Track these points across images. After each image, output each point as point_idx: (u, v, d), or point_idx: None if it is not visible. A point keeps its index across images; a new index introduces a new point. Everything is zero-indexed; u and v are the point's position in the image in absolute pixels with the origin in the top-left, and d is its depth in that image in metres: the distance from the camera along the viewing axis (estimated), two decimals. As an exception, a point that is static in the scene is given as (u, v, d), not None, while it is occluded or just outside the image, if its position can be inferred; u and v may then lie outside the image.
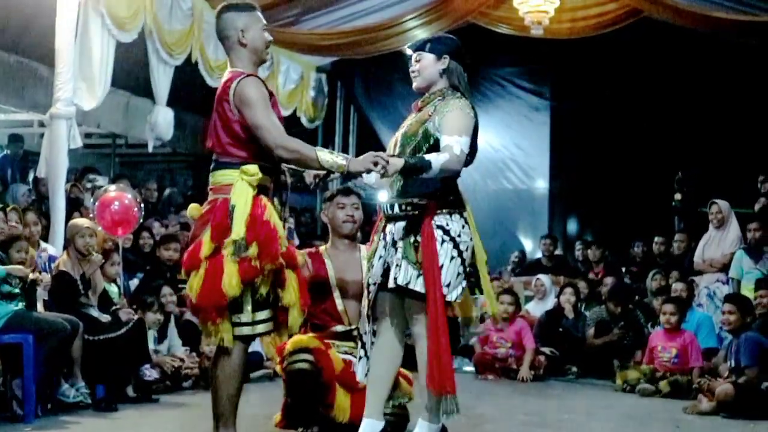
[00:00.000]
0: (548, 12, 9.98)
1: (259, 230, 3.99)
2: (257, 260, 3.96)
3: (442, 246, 4.20)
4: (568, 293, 9.41)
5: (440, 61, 4.38)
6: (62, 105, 7.48)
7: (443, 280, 4.18)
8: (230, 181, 4.08)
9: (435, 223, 4.22)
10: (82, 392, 6.07)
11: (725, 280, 8.60)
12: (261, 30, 4.28)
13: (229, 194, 4.06)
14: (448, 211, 4.27)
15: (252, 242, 3.96)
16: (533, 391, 7.90)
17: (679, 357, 7.76)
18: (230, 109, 4.12)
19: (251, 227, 3.98)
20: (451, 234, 4.23)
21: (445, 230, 4.23)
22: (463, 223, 4.30)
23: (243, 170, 4.06)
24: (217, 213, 4.06)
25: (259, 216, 4.02)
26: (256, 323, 4.10)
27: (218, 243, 4.00)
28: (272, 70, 10.98)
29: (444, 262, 4.19)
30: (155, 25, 8.44)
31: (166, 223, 9.59)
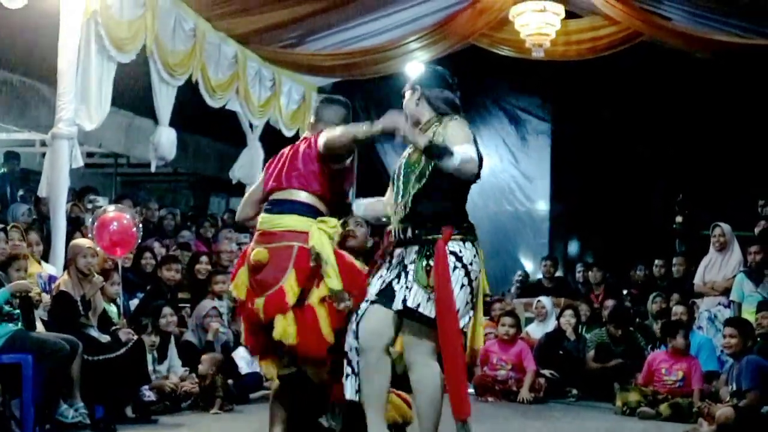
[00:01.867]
0: (549, 35, 10.02)
1: (359, 280, 4.27)
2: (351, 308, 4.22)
3: (454, 272, 4.18)
4: (568, 315, 9.38)
5: (414, 93, 4.46)
6: (64, 125, 7.49)
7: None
8: (304, 228, 4.27)
9: (449, 248, 4.20)
10: (81, 413, 6.05)
11: (727, 304, 8.58)
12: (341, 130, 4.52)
13: (303, 242, 4.25)
14: (462, 238, 4.25)
15: (349, 290, 4.20)
16: (533, 414, 7.87)
17: (684, 380, 7.74)
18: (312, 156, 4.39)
19: (349, 278, 4.22)
20: (463, 261, 4.21)
21: (458, 257, 4.21)
22: (475, 252, 4.29)
23: (323, 220, 4.29)
24: (300, 260, 4.23)
25: (354, 267, 4.28)
26: None
27: (303, 288, 4.21)
28: (274, 90, 11.01)
29: (455, 289, 4.17)
30: (157, 45, 8.47)
31: (166, 244, 9.59)
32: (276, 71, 10.99)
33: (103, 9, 7.62)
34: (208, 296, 8.19)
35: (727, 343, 6.98)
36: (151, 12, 8.23)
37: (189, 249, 9.64)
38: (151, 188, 15.35)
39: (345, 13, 10.19)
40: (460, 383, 4.13)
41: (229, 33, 9.83)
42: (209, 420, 6.93)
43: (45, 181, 7.72)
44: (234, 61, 10.04)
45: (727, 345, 7.00)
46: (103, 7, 7.61)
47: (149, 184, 15.35)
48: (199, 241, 10.54)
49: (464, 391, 4.16)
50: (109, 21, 7.72)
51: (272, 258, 4.23)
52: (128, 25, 7.98)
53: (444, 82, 4.48)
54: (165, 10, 8.59)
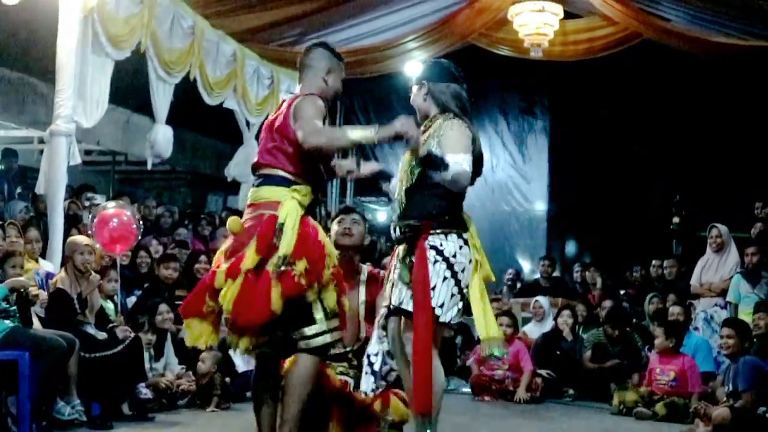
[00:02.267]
0: (548, 35, 10.03)
1: (312, 249, 4.06)
2: (304, 277, 4.01)
3: (435, 266, 4.22)
4: (565, 315, 9.39)
5: (421, 89, 4.49)
6: (62, 122, 7.48)
7: (436, 300, 4.20)
8: (279, 198, 4.16)
9: (428, 243, 4.24)
10: (78, 410, 6.04)
11: (723, 305, 8.59)
12: (340, 80, 4.49)
13: (276, 210, 4.12)
14: (443, 231, 4.27)
15: (299, 259, 4.01)
16: (530, 414, 7.87)
17: (677, 380, 7.75)
18: (289, 125, 4.22)
19: (301, 245, 4.03)
20: (444, 254, 4.23)
21: (438, 250, 4.24)
22: (461, 243, 4.28)
23: (295, 189, 4.15)
24: (264, 227, 4.11)
25: (312, 235, 4.09)
26: (330, 331, 4.14)
27: (263, 257, 4.05)
28: (272, 89, 11.01)
29: (436, 283, 4.20)
30: (154, 43, 8.46)
31: (164, 242, 9.59)
32: (274, 69, 10.99)
33: (101, 6, 7.61)
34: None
35: (724, 344, 6.99)
36: (148, 9, 8.23)
37: (186, 247, 9.64)
38: (149, 186, 15.35)
39: (344, 12, 10.20)
40: (425, 378, 4.12)
41: (227, 31, 9.82)
42: (206, 418, 6.93)
43: (43, 178, 7.71)
44: (232, 59, 10.04)
45: (724, 346, 7.01)
46: (100, 4, 7.60)
47: (147, 181, 15.35)
48: (196, 239, 10.54)
49: (428, 386, 4.13)
50: (105, 18, 7.71)
51: (246, 228, 4.20)
52: (125, 22, 7.97)
53: (450, 75, 4.50)
54: (163, 8, 8.58)
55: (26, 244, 6.97)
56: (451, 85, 4.46)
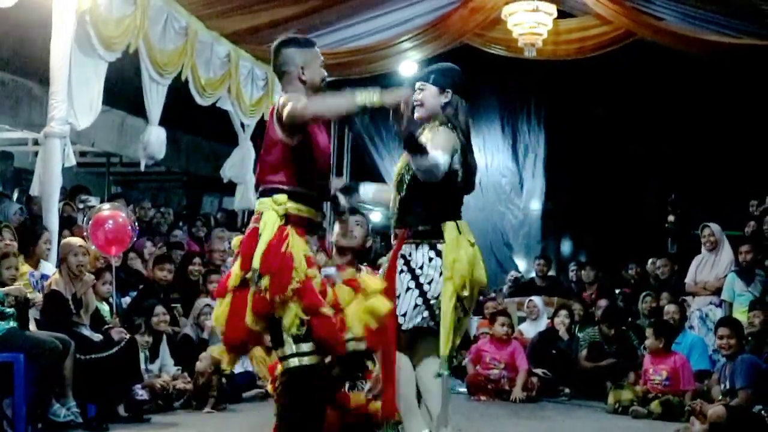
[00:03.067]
0: (542, 34, 10.04)
1: (272, 261, 3.85)
2: (268, 292, 3.82)
3: (400, 276, 4.25)
4: (562, 315, 9.41)
5: (443, 94, 4.40)
6: (56, 124, 7.47)
7: (399, 309, 4.21)
8: (262, 210, 4.02)
9: (400, 252, 4.29)
10: (73, 411, 6.03)
11: (718, 303, 8.61)
12: (319, 67, 4.25)
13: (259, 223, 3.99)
14: (415, 241, 4.28)
15: (265, 273, 3.84)
16: (525, 413, 7.88)
17: (670, 379, 7.75)
18: (273, 129, 4.05)
19: (265, 257, 3.86)
20: (411, 265, 4.25)
21: (406, 260, 4.27)
22: (432, 255, 4.24)
23: (273, 199, 3.99)
24: (246, 243, 3.98)
25: (274, 246, 3.88)
26: (301, 355, 3.86)
27: (245, 272, 3.91)
28: (266, 90, 11.00)
29: (400, 292, 4.23)
30: (146, 44, 8.45)
31: (159, 244, 9.58)
32: (269, 70, 10.97)
33: (94, 7, 7.60)
34: (201, 295, 8.20)
35: (725, 344, 6.97)
36: (141, 10, 8.21)
37: (182, 248, 9.63)
38: (144, 187, 15.33)
39: (338, 13, 10.18)
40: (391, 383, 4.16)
41: (221, 32, 9.81)
42: (202, 419, 6.92)
43: (37, 180, 7.69)
44: (226, 60, 10.03)
45: (725, 346, 6.98)
46: (93, 5, 7.59)
47: (142, 183, 15.33)
48: (191, 240, 10.54)
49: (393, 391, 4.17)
50: (98, 19, 7.70)
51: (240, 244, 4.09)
52: (117, 24, 7.96)
53: (469, 93, 4.50)
54: (156, 9, 8.57)
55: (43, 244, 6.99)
56: (466, 103, 4.45)
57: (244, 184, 11.28)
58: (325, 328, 3.86)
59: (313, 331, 3.84)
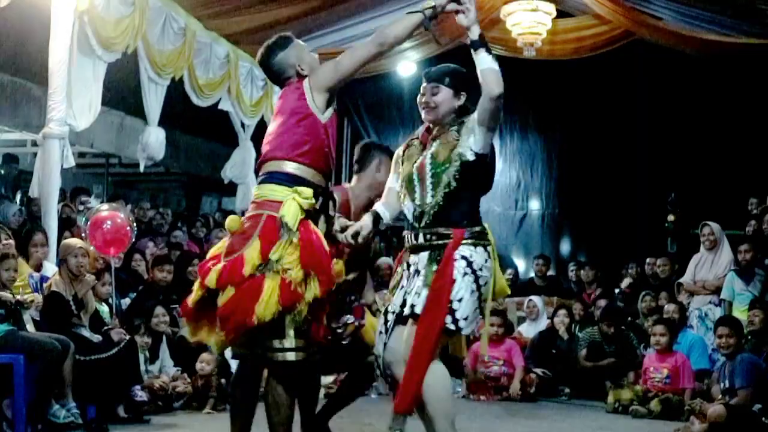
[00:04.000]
0: (541, 34, 10.04)
1: (318, 257, 3.89)
2: (303, 286, 3.85)
3: (464, 278, 4.08)
4: (562, 315, 9.41)
5: (457, 97, 4.28)
6: (55, 125, 7.47)
7: (461, 313, 4.05)
8: (280, 199, 3.96)
9: (459, 253, 4.10)
10: (73, 413, 6.01)
11: (717, 302, 8.60)
12: (309, 53, 4.26)
13: (276, 212, 3.94)
14: (473, 242, 4.14)
15: (302, 267, 3.85)
16: (525, 412, 7.88)
17: (670, 378, 7.76)
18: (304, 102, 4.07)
19: (306, 252, 3.86)
20: (473, 266, 4.11)
21: (468, 261, 4.11)
22: (486, 257, 4.17)
23: (297, 190, 3.96)
24: (267, 229, 3.93)
25: (315, 242, 3.91)
26: (299, 350, 3.92)
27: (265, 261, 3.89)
28: (266, 90, 11.01)
29: (464, 295, 4.07)
30: (145, 44, 8.45)
31: (159, 244, 9.58)
32: (267, 70, 10.96)
33: (92, 8, 7.60)
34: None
35: (724, 343, 6.96)
36: (139, 11, 8.22)
37: (181, 249, 9.63)
38: (143, 188, 15.34)
39: (336, 14, 10.18)
40: (416, 382, 3.98)
41: (220, 32, 9.81)
42: (202, 420, 6.92)
43: (36, 181, 7.69)
44: (226, 61, 10.03)
45: (724, 345, 6.98)
46: (91, 6, 7.59)
47: (141, 184, 15.33)
48: (191, 241, 10.54)
49: (416, 389, 3.99)
50: (96, 20, 7.70)
51: (244, 226, 4.02)
52: (115, 24, 7.95)
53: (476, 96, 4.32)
54: (155, 10, 8.57)
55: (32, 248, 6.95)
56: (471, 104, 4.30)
57: (245, 184, 11.29)
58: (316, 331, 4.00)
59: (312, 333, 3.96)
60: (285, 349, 3.90)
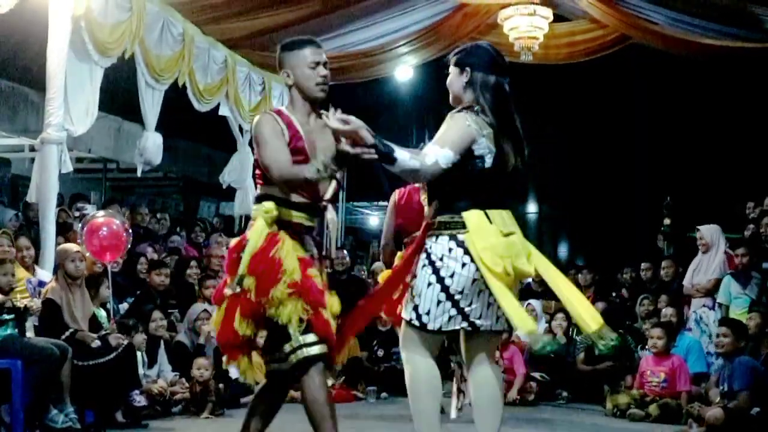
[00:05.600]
0: (538, 38, 10.04)
1: (258, 264, 3.92)
2: (253, 294, 3.91)
3: (422, 270, 4.01)
4: (559, 319, 9.41)
5: (463, 74, 4.17)
6: (53, 130, 7.46)
7: (422, 307, 3.97)
8: (255, 217, 4.08)
9: (425, 246, 4.04)
10: (71, 417, 6.03)
11: (711, 306, 8.60)
12: (306, 67, 4.16)
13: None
14: (434, 233, 4.02)
15: (251, 276, 3.92)
16: (524, 416, 7.87)
17: (667, 381, 7.76)
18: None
19: (253, 261, 3.93)
20: (431, 258, 3.98)
21: (427, 253, 4.02)
22: (452, 245, 3.94)
23: (262, 206, 4.03)
24: (232, 249, 4.08)
25: (263, 250, 3.95)
26: (308, 345, 3.94)
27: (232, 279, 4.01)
28: (264, 95, 11.01)
29: (422, 289, 3.99)
30: (142, 50, 8.45)
31: (158, 249, 9.58)
32: (266, 76, 10.99)
33: (88, 13, 7.60)
34: (198, 300, 8.20)
35: (719, 342, 6.99)
36: (137, 16, 8.21)
37: (180, 254, 9.63)
38: (141, 193, 15.35)
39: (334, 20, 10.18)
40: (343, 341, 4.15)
41: (217, 38, 9.82)
42: (200, 424, 6.93)
43: (34, 186, 7.68)
44: (224, 66, 10.03)
45: (719, 344, 7.00)
46: (88, 11, 7.59)
47: (139, 188, 15.34)
48: (189, 245, 10.54)
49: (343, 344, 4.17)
50: (92, 25, 7.70)
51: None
52: (112, 29, 7.95)
53: (496, 66, 4.20)
54: (153, 15, 8.57)
55: (17, 252, 6.94)
56: (494, 77, 4.15)
57: (243, 189, 11.29)
58: (322, 327, 3.96)
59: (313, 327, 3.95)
60: (296, 348, 3.93)
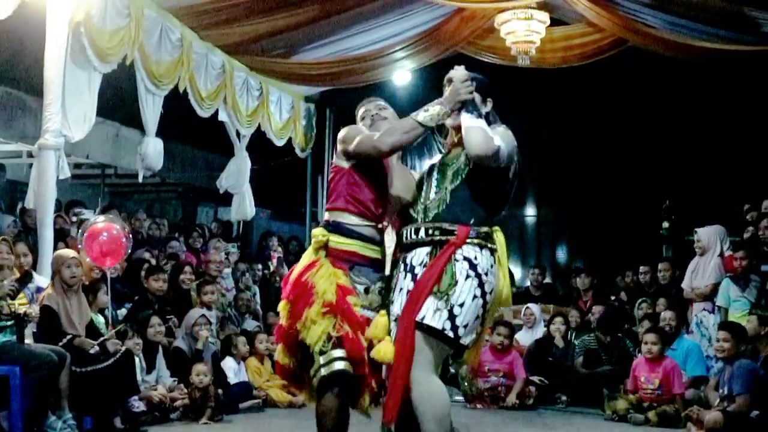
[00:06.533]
0: (535, 42, 10.03)
1: (292, 290, 4.05)
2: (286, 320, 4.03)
3: (467, 281, 3.81)
4: (558, 323, 9.42)
5: (484, 103, 4.19)
6: (51, 136, 7.46)
7: (462, 319, 3.79)
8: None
9: (462, 253, 3.86)
10: (70, 424, 6.03)
11: (710, 309, 8.60)
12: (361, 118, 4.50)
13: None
14: (479, 243, 3.90)
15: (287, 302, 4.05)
16: (522, 420, 7.87)
17: (662, 387, 7.75)
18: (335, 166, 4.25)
19: (290, 288, 4.07)
20: (478, 270, 3.85)
21: (472, 264, 3.85)
22: (493, 261, 3.92)
23: (313, 234, 4.14)
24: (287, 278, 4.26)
25: (299, 275, 4.05)
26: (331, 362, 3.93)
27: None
28: (262, 100, 11.01)
29: (466, 300, 3.80)
30: (141, 55, 8.45)
31: (156, 255, 9.58)
32: (263, 81, 10.99)
33: (87, 19, 7.60)
34: (197, 306, 8.20)
35: (720, 347, 6.99)
36: (135, 22, 8.21)
37: (178, 259, 9.62)
38: (139, 199, 15.33)
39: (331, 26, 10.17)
40: (399, 388, 3.75)
41: (215, 43, 9.81)
42: (199, 430, 6.92)
43: (32, 192, 7.67)
44: (222, 71, 10.03)
45: (720, 348, 7.00)
46: (87, 17, 7.59)
47: (137, 194, 15.33)
48: (188, 251, 10.53)
49: (401, 395, 3.76)
50: (92, 31, 7.70)
51: None
52: (111, 35, 7.95)
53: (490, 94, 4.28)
54: (151, 21, 8.57)
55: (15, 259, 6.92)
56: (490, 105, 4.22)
57: (240, 194, 11.29)
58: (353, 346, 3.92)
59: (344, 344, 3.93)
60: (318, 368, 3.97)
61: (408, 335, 3.78)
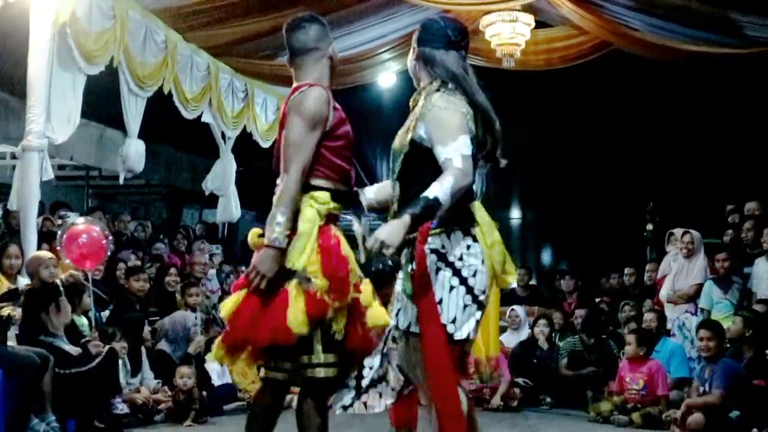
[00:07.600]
0: (520, 44, 10.07)
1: (336, 265, 3.59)
2: (327, 295, 3.56)
3: (438, 275, 3.51)
4: (541, 324, 9.43)
5: (413, 51, 3.79)
6: (34, 137, 7.43)
7: (446, 316, 3.50)
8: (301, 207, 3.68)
9: (429, 246, 3.51)
10: (53, 426, 6.00)
11: (693, 311, 8.63)
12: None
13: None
14: (444, 230, 3.54)
15: (325, 276, 3.58)
16: (507, 422, 7.88)
17: (647, 388, 7.78)
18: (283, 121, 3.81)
19: (325, 260, 3.60)
20: (448, 258, 3.52)
21: (440, 254, 3.53)
22: (469, 241, 3.56)
23: (312, 196, 3.68)
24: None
25: (333, 248, 3.64)
26: (326, 366, 3.64)
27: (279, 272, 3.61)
28: (247, 102, 11.00)
29: (442, 295, 3.51)
30: (126, 57, 8.42)
31: (141, 256, 9.55)
32: (248, 82, 10.98)
33: (72, 20, 7.58)
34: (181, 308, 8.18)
35: (705, 347, 7.01)
36: (120, 24, 8.19)
37: (163, 261, 9.60)
38: (124, 200, 15.29)
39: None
40: (451, 402, 3.45)
41: (199, 45, 9.80)
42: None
43: (15, 194, 7.64)
44: (207, 73, 10.01)
45: (704, 348, 7.02)
46: (72, 19, 7.57)
47: (121, 196, 15.29)
48: (172, 253, 10.51)
49: (459, 415, 3.49)
50: (78, 32, 7.67)
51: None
52: (96, 37, 7.93)
53: (445, 40, 3.72)
54: (135, 22, 8.55)
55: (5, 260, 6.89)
56: (441, 50, 3.70)
57: (225, 196, 11.28)
58: (359, 338, 3.68)
59: (347, 341, 3.65)
60: (314, 365, 3.65)
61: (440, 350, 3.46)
